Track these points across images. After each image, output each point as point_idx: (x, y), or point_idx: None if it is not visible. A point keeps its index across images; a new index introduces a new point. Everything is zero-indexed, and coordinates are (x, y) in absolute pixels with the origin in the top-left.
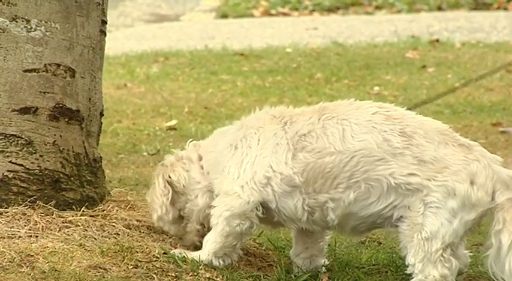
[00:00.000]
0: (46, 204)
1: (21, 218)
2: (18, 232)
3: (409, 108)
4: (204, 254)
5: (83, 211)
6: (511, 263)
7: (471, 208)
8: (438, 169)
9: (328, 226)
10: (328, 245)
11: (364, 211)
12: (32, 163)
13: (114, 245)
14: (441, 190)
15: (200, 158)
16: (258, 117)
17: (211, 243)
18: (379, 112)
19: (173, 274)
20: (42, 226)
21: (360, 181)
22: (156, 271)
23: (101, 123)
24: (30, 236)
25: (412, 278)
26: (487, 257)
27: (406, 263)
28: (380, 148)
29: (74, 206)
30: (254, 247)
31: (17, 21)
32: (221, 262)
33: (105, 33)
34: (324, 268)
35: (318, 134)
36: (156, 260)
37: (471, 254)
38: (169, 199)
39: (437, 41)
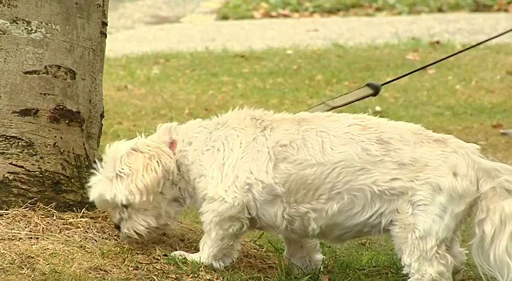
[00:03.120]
0: (46, 206)
1: (21, 219)
2: (19, 233)
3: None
4: (204, 258)
5: (84, 212)
6: (496, 253)
7: (459, 199)
8: (419, 169)
9: (308, 235)
10: (329, 246)
11: (350, 221)
12: (33, 164)
13: (114, 247)
14: (426, 188)
15: (173, 144)
16: (238, 117)
17: (208, 247)
18: (354, 123)
19: (174, 276)
20: (43, 228)
21: (343, 192)
22: (156, 273)
23: (102, 125)
24: (31, 237)
25: (409, 278)
26: (470, 246)
27: (402, 263)
28: (360, 158)
29: (74, 208)
30: (255, 249)
31: (17, 23)
32: (222, 264)
33: (106, 35)
34: (322, 266)
35: (298, 146)
36: (156, 262)
37: (467, 252)
38: None
39: (437, 42)
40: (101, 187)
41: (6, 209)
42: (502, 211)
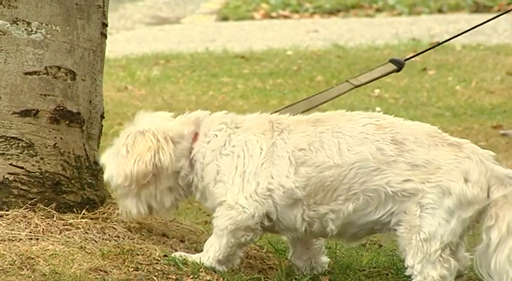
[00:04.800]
0: (47, 207)
1: (21, 220)
2: (19, 234)
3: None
4: (207, 260)
5: (84, 213)
6: (497, 260)
7: (468, 205)
8: (431, 171)
9: (326, 236)
10: (329, 247)
11: (363, 219)
12: (33, 165)
13: (114, 248)
14: (436, 191)
15: (196, 137)
16: (258, 122)
17: (214, 251)
18: (369, 123)
19: (174, 277)
20: (43, 229)
21: (359, 193)
22: (156, 274)
23: (102, 125)
24: (31, 238)
25: (411, 279)
26: (474, 252)
27: (405, 265)
28: (375, 158)
29: (74, 209)
30: (255, 250)
31: (17, 24)
32: (224, 268)
33: (106, 36)
34: (327, 266)
35: (316, 148)
36: (156, 263)
37: (472, 257)
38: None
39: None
40: (105, 158)
41: (7, 210)
42: (510, 220)
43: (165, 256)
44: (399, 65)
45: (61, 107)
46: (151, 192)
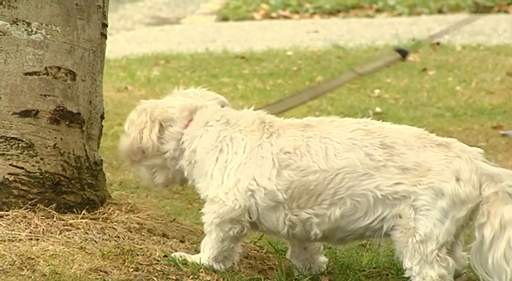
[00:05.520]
0: (47, 207)
1: (21, 221)
2: (19, 234)
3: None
4: (204, 259)
5: (84, 214)
6: (494, 258)
7: (461, 204)
8: (422, 173)
9: (310, 240)
10: (329, 247)
11: (352, 225)
12: (33, 165)
13: (114, 248)
14: (428, 192)
15: (188, 124)
16: (247, 119)
17: (209, 249)
18: (358, 128)
19: (174, 277)
20: (43, 229)
21: (345, 198)
22: (156, 274)
23: (102, 126)
24: (31, 239)
25: None
26: (469, 250)
27: (404, 267)
28: (363, 164)
29: (74, 209)
30: (255, 250)
31: (17, 24)
32: (222, 266)
33: (106, 36)
34: (325, 266)
35: (302, 153)
36: (156, 263)
37: (469, 256)
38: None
39: (438, 44)
40: (128, 119)
41: (7, 211)
42: (502, 216)
43: (165, 256)
44: (404, 53)
45: (61, 108)
46: (144, 166)
